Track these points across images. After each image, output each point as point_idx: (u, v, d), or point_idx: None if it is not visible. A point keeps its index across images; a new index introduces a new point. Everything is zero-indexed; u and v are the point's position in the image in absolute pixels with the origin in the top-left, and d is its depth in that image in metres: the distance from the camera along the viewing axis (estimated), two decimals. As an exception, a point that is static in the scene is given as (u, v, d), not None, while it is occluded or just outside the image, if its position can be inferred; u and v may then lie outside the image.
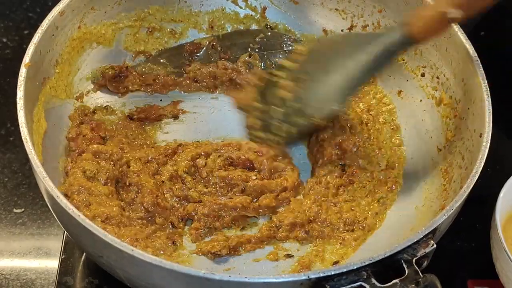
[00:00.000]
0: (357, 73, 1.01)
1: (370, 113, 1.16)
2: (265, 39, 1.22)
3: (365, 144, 1.13)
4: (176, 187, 1.05)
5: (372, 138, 1.14)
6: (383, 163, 1.11)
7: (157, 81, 1.17)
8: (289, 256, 1.01)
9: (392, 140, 1.14)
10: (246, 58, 1.21)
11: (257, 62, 1.21)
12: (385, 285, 0.81)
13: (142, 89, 1.17)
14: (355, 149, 1.11)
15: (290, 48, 1.21)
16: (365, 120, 1.15)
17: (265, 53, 1.21)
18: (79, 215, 0.84)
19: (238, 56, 1.21)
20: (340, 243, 1.02)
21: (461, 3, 0.93)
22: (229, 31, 1.23)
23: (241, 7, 1.23)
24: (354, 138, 1.12)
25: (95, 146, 1.05)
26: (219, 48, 1.21)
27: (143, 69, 1.18)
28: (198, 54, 1.21)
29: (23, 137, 0.91)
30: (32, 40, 1.00)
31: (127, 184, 1.04)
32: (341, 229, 1.03)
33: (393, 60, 1.03)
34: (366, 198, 1.07)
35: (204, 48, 1.21)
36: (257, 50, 1.22)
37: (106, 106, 1.13)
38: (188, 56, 1.21)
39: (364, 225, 1.03)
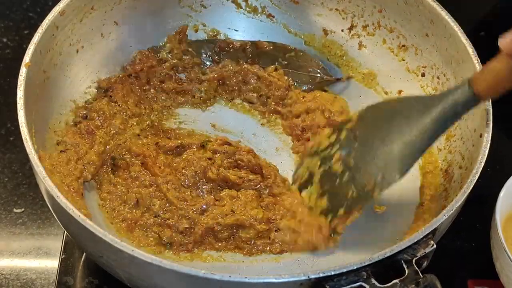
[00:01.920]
0: (419, 140, 0.92)
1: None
2: (295, 58, 1.21)
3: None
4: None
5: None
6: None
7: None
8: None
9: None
10: (272, 71, 1.20)
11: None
12: (385, 285, 0.81)
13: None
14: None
15: (318, 75, 1.20)
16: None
17: (290, 71, 1.20)
18: (79, 215, 0.84)
19: (264, 66, 1.21)
20: None
21: None
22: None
23: (241, 7, 1.23)
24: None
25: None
26: (249, 54, 1.21)
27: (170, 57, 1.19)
28: (228, 53, 1.21)
29: (23, 137, 0.91)
30: (32, 40, 1.00)
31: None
32: None
33: (457, 121, 0.95)
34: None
35: (235, 49, 1.21)
36: (284, 65, 1.21)
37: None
38: (218, 51, 1.21)
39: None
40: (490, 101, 0.98)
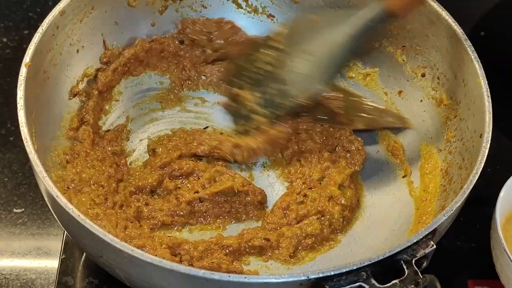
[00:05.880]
0: (339, 51, 1.00)
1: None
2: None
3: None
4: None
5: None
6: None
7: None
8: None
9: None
10: None
11: None
12: (385, 285, 0.81)
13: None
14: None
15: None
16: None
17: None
18: (79, 215, 0.84)
19: None
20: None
21: None
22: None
23: (241, 7, 1.23)
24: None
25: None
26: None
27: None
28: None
29: (23, 137, 0.91)
30: (33, 39, 1.00)
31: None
32: None
33: (374, 37, 1.04)
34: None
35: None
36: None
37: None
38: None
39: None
40: (490, 101, 0.99)
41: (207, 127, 1.16)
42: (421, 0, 0.99)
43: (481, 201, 1.04)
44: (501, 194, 1.00)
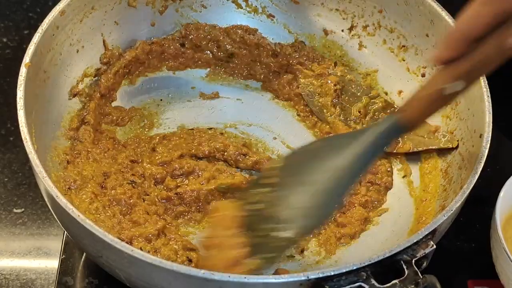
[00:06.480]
0: (346, 173, 0.87)
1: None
2: None
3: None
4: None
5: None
6: (383, 163, 1.11)
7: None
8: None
9: (392, 140, 1.14)
10: None
11: None
12: (385, 285, 0.81)
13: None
14: None
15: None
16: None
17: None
18: (79, 215, 0.84)
19: None
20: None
21: (461, 73, 0.80)
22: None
23: (241, 7, 1.23)
24: None
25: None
26: None
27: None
28: None
29: (23, 137, 0.91)
30: (33, 39, 1.00)
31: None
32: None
33: (383, 151, 0.92)
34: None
35: None
36: None
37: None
38: None
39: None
40: (490, 101, 0.99)
41: (211, 128, 1.16)
42: (445, 105, 0.85)
43: (481, 201, 1.04)
44: (501, 194, 1.00)
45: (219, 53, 1.21)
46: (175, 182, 1.07)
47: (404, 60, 1.16)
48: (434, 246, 0.85)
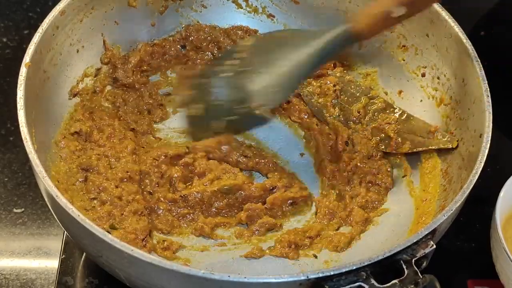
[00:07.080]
0: (301, 66, 1.01)
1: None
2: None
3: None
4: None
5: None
6: (383, 163, 1.11)
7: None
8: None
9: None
10: None
11: None
12: (384, 285, 0.81)
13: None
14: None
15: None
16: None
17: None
18: (79, 215, 0.84)
19: None
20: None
21: (405, 1, 0.94)
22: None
23: (242, 7, 1.23)
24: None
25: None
26: None
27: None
28: None
29: (23, 137, 0.91)
30: (33, 39, 1.00)
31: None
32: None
33: (337, 55, 1.06)
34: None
35: None
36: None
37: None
38: None
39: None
40: (490, 101, 0.99)
41: None
42: (390, 25, 1.00)
43: (481, 201, 1.04)
44: (501, 194, 1.00)
45: (220, 54, 1.21)
46: (183, 185, 1.07)
47: (404, 60, 1.16)
48: (434, 246, 0.85)
